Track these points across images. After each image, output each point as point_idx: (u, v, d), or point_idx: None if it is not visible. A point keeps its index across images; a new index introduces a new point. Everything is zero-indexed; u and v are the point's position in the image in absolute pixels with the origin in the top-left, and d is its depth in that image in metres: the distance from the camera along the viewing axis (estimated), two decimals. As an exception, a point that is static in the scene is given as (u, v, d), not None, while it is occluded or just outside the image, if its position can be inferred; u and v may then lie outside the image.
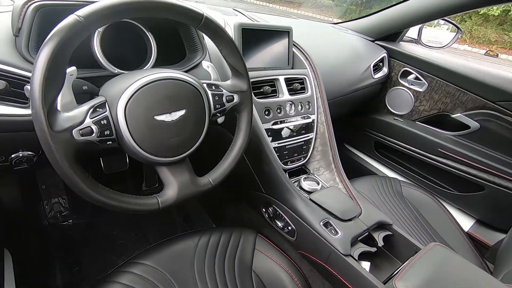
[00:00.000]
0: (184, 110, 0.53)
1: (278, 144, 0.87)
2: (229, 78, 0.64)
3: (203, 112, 0.56)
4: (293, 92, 0.91)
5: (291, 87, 0.91)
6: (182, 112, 0.52)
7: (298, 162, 0.93)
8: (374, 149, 1.52)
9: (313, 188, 0.85)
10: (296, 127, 0.90)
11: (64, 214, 1.19)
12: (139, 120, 0.48)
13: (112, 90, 0.49)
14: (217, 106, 0.59)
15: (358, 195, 0.85)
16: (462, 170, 1.19)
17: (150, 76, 0.50)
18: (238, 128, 0.65)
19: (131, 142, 0.48)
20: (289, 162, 0.91)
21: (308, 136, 0.94)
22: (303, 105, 0.92)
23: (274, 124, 0.85)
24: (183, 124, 0.53)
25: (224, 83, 0.62)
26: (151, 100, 0.49)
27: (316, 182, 0.87)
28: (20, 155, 0.62)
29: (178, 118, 0.52)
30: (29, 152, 0.63)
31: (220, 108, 0.60)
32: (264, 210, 0.90)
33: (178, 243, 0.75)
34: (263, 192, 0.87)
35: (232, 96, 0.61)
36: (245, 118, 0.65)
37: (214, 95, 0.59)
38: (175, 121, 0.52)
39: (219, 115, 0.61)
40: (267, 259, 0.76)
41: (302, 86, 0.93)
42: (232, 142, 0.64)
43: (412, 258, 0.64)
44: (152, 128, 0.50)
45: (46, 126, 0.41)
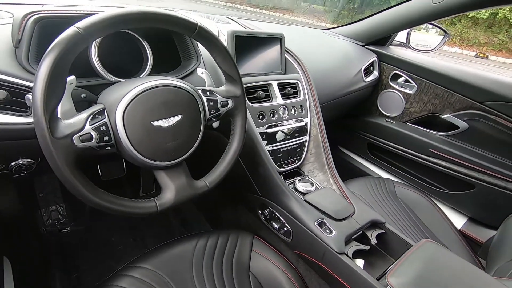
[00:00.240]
0: (180, 115, 0.54)
1: (272, 147, 0.89)
2: (223, 84, 0.66)
3: (198, 117, 0.58)
4: (286, 96, 0.93)
5: (284, 92, 0.93)
6: (178, 118, 0.54)
7: (293, 164, 0.95)
8: (368, 151, 1.55)
9: (308, 189, 0.87)
10: (290, 131, 0.92)
11: (62, 221, 1.19)
12: (136, 125, 0.50)
13: (110, 98, 0.51)
14: (212, 111, 0.61)
15: (352, 195, 0.87)
16: (453, 169, 1.22)
17: (147, 83, 0.52)
18: (232, 132, 0.67)
19: (129, 147, 0.50)
20: (284, 165, 0.93)
21: (302, 139, 0.96)
22: (296, 109, 0.94)
23: (268, 127, 0.88)
24: (179, 129, 0.55)
25: (218, 89, 0.64)
26: (148, 106, 0.51)
27: (310, 183, 0.89)
28: (20, 162, 0.63)
29: (175, 123, 0.54)
30: (29, 160, 0.65)
31: (214, 113, 0.62)
32: (260, 212, 0.91)
33: (176, 246, 0.76)
34: (258, 194, 0.89)
35: (226, 101, 0.64)
36: (239, 122, 0.67)
37: (208, 100, 0.61)
38: (171, 126, 0.53)
39: (214, 120, 0.63)
40: (264, 260, 0.77)
41: (295, 91, 0.96)
42: (227, 146, 0.66)
43: (404, 254, 0.66)
44: (150, 133, 0.51)
45: (48, 133, 0.42)
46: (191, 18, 0.54)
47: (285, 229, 0.83)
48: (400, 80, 1.38)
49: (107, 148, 0.50)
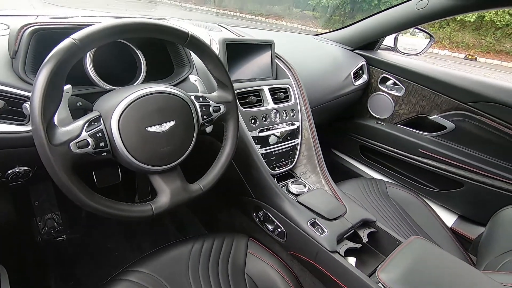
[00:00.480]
0: (174, 121, 0.56)
1: (265, 150, 0.91)
2: (215, 90, 0.68)
3: (191, 122, 0.60)
4: (277, 101, 0.96)
5: (275, 96, 0.96)
6: (172, 123, 0.56)
7: (286, 167, 0.97)
8: (360, 153, 1.58)
9: (301, 191, 0.89)
10: (282, 134, 0.95)
11: (57, 229, 1.19)
12: (132, 131, 0.52)
13: (106, 105, 0.53)
14: (204, 116, 0.63)
15: (343, 195, 0.89)
16: (442, 168, 1.26)
17: (141, 91, 0.54)
18: (225, 136, 0.69)
19: (124, 153, 0.52)
20: (277, 167, 0.95)
21: (294, 142, 0.99)
22: (287, 112, 0.97)
23: (260, 131, 0.90)
24: (173, 134, 0.56)
25: (210, 95, 0.66)
26: (142, 113, 0.53)
27: (303, 185, 0.91)
28: (17, 170, 0.64)
29: (169, 129, 0.56)
30: (25, 168, 0.66)
31: (207, 118, 0.64)
32: (254, 214, 0.93)
33: (172, 250, 0.77)
34: (252, 197, 0.91)
35: (219, 106, 0.66)
36: (232, 127, 0.69)
37: (201, 106, 0.63)
38: (165, 131, 0.55)
39: (207, 125, 0.65)
40: (259, 261, 0.78)
41: (286, 95, 0.99)
42: (220, 150, 0.68)
43: (394, 251, 0.67)
44: (144, 138, 0.53)
45: (46, 140, 0.44)
46: (183, 28, 0.56)
47: (279, 230, 0.84)
48: (389, 83, 1.42)
49: (103, 154, 0.51)
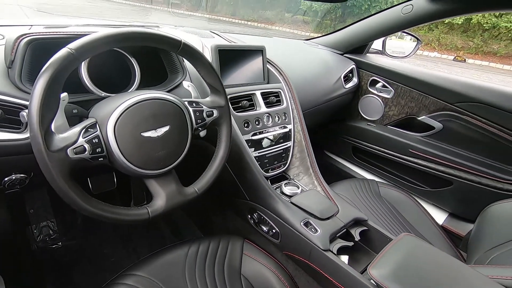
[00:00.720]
0: (168, 126, 0.58)
1: (259, 153, 0.93)
2: (208, 95, 0.70)
3: (185, 127, 0.62)
4: (270, 104, 0.98)
5: (267, 100, 0.98)
6: (166, 128, 0.58)
7: (279, 169, 0.99)
8: (352, 154, 1.61)
9: (294, 192, 0.91)
10: (275, 137, 0.97)
11: (53, 237, 1.19)
12: (127, 137, 0.53)
13: (101, 112, 0.55)
14: (198, 121, 0.65)
15: (335, 195, 0.91)
16: (432, 167, 1.29)
17: (136, 97, 0.55)
18: (219, 140, 0.71)
19: (120, 158, 0.53)
20: (270, 170, 0.97)
21: (287, 144, 1.01)
22: (279, 116, 0.99)
23: (253, 135, 0.92)
24: (168, 138, 0.58)
25: (203, 100, 0.68)
26: (137, 118, 0.55)
27: (296, 186, 0.93)
28: (13, 177, 0.65)
29: (163, 134, 0.57)
30: (22, 175, 0.66)
31: (201, 123, 0.66)
32: (249, 216, 0.94)
33: (168, 253, 0.78)
34: (247, 199, 0.93)
35: (212, 111, 0.68)
36: (225, 131, 0.71)
37: (195, 111, 0.65)
38: (160, 136, 0.57)
39: (200, 129, 0.67)
40: (254, 262, 0.80)
41: (278, 99, 1.01)
42: (214, 153, 0.70)
43: (385, 248, 0.70)
44: (140, 143, 0.55)
45: (44, 146, 0.45)
46: (176, 36, 0.58)
47: (274, 231, 0.86)
48: (378, 85, 1.46)
49: (99, 159, 0.52)
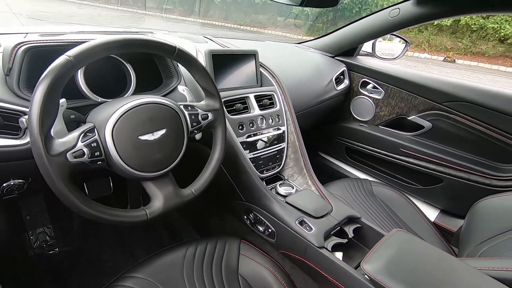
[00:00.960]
0: (165, 129, 0.60)
1: (253, 155, 0.95)
2: (203, 99, 0.72)
3: (181, 130, 0.64)
4: (263, 107, 1.01)
5: (261, 103, 1.00)
6: (163, 131, 0.59)
7: (273, 170, 1.01)
8: (346, 155, 1.64)
9: (289, 192, 0.93)
10: (270, 139, 0.99)
11: (50, 243, 1.19)
12: (125, 140, 0.55)
13: (99, 117, 0.56)
14: (193, 124, 0.67)
15: (329, 194, 0.93)
16: (422, 165, 1.33)
17: (133, 102, 0.57)
18: (214, 142, 0.72)
19: (118, 161, 0.55)
20: (265, 171, 0.99)
21: (281, 145, 1.03)
22: (273, 118, 1.01)
23: (248, 137, 0.94)
24: (164, 141, 0.60)
25: (198, 104, 0.70)
26: (134, 122, 0.56)
27: (291, 186, 0.95)
28: (12, 183, 0.66)
29: (160, 137, 0.59)
30: (20, 180, 0.67)
31: (196, 126, 0.68)
32: (245, 217, 0.96)
33: (166, 255, 0.79)
34: (243, 200, 0.94)
35: (207, 114, 0.69)
36: (220, 133, 0.72)
37: (190, 114, 0.66)
38: (157, 139, 0.59)
39: (196, 132, 0.69)
40: (252, 262, 0.81)
41: (271, 102, 1.03)
42: (210, 156, 0.72)
43: (377, 243, 0.72)
44: (137, 147, 0.56)
45: (44, 151, 0.47)
46: (170, 42, 0.60)
47: (270, 230, 0.88)
48: (369, 86, 1.50)
49: (98, 163, 0.54)
